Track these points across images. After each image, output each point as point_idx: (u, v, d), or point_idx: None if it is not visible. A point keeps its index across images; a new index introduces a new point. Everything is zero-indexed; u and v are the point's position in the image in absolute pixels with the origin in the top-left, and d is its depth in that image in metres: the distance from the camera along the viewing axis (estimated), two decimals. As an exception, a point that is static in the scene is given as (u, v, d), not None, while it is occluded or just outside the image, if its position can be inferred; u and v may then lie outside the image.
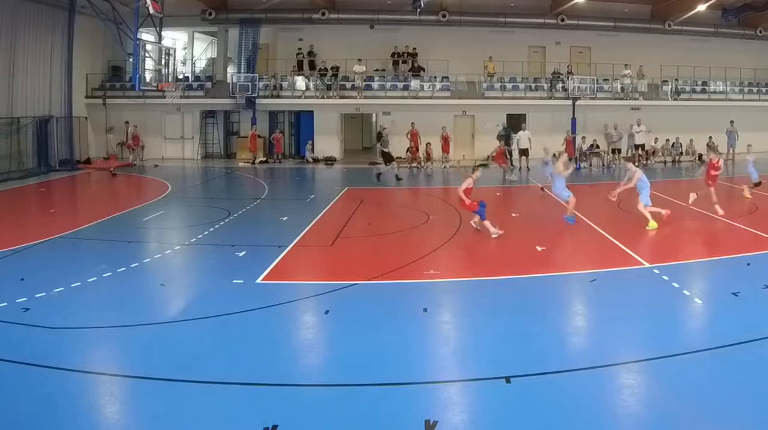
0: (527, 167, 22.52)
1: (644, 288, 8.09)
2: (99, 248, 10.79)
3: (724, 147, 24.99)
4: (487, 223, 10.82)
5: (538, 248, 10.12)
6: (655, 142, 25.10)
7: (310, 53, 27.16)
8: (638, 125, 24.09)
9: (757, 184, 15.39)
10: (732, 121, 24.76)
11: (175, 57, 23.87)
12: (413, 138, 23.48)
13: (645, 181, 11.76)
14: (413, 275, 8.79)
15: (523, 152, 22.75)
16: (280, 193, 18.42)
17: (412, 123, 23.74)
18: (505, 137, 23.56)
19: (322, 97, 26.41)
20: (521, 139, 22.75)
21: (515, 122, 27.46)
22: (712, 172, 13.27)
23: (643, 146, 24.22)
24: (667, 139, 25.37)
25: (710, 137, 25.29)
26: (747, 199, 14.57)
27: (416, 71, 26.95)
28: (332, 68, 26.89)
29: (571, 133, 24.75)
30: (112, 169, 21.44)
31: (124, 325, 6.77)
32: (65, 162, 22.52)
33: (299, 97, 26.46)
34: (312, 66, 27.07)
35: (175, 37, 27.99)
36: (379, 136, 25.93)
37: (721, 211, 12.60)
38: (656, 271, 8.65)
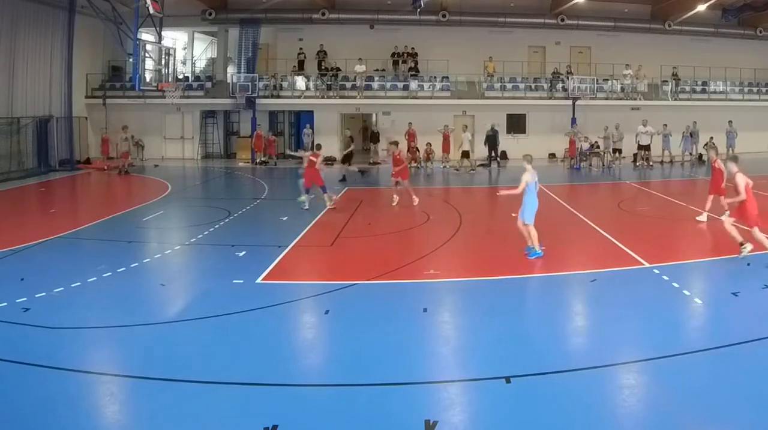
0: (472, 168, 22.68)
1: (644, 288, 8.08)
2: (99, 248, 10.79)
3: (723, 147, 24.95)
4: (325, 196, 13.59)
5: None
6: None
7: (319, 53, 27.05)
8: (644, 126, 23.68)
9: None
10: (731, 121, 24.69)
11: (175, 57, 23.85)
12: (410, 138, 23.46)
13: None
14: (413, 275, 8.79)
15: (465, 155, 22.85)
16: (280, 193, 18.39)
17: (410, 123, 23.73)
18: (492, 138, 23.74)
19: (322, 97, 26.41)
20: (463, 141, 22.85)
21: (515, 122, 27.57)
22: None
23: (647, 147, 23.91)
24: (665, 125, 24.43)
25: (711, 138, 25.27)
26: None
27: (416, 72, 26.92)
28: (332, 69, 26.90)
29: (573, 131, 24.53)
30: (121, 166, 21.41)
31: (124, 325, 6.78)
32: (65, 162, 22.53)
33: (299, 97, 26.46)
34: (320, 66, 27.01)
35: (175, 37, 27.97)
36: (375, 136, 25.94)
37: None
38: (656, 271, 8.65)
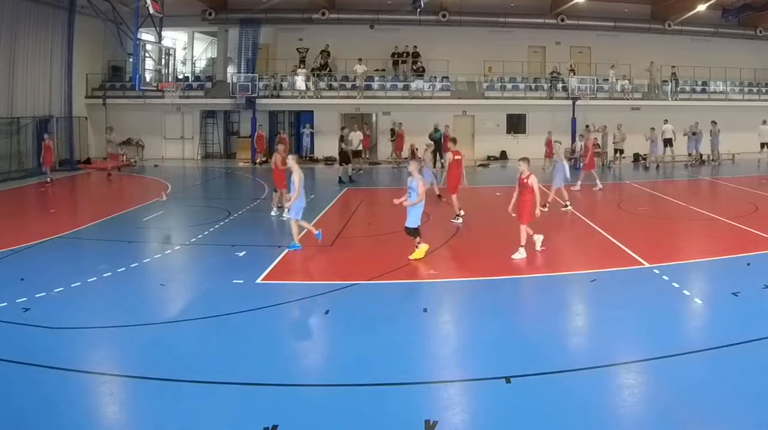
0: (352, 169, 21.04)
1: (644, 288, 8.09)
2: (99, 248, 10.79)
3: (707, 149, 24.43)
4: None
5: (538, 248, 10.12)
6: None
7: (323, 53, 26.97)
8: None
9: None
10: (714, 122, 24.11)
11: (175, 57, 23.82)
12: (399, 139, 23.41)
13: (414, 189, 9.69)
14: (413, 275, 8.80)
15: (356, 154, 21.84)
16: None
17: (400, 124, 23.70)
18: (437, 141, 22.45)
19: (321, 98, 26.39)
20: (353, 140, 21.65)
21: (515, 122, 27.56)
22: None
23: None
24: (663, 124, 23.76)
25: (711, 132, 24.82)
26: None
27: (418, 72, 26.91)
28: (330, 69, 26.91)
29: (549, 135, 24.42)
30: (109, 168, 21.36)
31: (124, 325, 6.78)
32: (65, 162, 22.52)
33: (299, 97, 26.46)
34: (325, 66, 27.00)
35: (175, 37, 27.96)
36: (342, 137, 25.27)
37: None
38: (656, 271, 8.65)
